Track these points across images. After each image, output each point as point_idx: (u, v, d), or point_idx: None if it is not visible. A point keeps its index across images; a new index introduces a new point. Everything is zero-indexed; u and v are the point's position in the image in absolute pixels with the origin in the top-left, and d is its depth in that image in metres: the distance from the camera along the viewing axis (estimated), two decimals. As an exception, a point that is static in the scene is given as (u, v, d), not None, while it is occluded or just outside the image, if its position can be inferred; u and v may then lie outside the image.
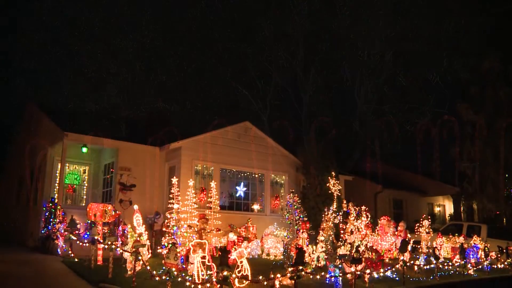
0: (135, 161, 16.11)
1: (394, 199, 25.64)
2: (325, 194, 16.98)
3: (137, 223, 10.64)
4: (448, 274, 12.00)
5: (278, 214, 17.79)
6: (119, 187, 15.46)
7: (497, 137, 21.94)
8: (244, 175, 17.81)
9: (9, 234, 18.93)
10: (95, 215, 11.95)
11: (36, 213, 15.77)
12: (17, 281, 9.59)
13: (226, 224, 15.27)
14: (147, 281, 9.03)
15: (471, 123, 22.99)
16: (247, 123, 17.90)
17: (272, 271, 8.62)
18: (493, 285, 11.99)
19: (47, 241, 13.72)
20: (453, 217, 26.09)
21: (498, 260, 13.94)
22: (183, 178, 15.33)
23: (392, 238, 14.67)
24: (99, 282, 9.47)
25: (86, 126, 16.93)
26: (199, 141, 16.59)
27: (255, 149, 17.95)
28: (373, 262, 10.20)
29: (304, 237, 12.51)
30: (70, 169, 17.57)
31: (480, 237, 16.39)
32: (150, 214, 15.20)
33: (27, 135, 20.35)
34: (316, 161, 17.91)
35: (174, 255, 7.96)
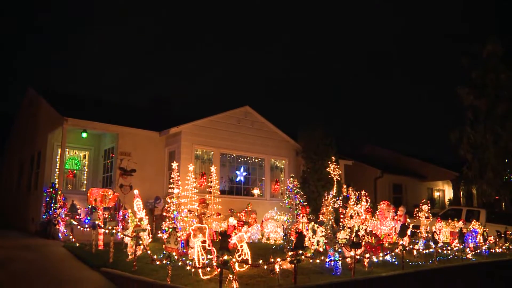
0: (135, 146, 16.12)
1: (394, 184, 25.72)
2: (325, 179, 17.02)
3: (138, 208, 10.68)
4: (447, 259, 12.09)
5: (278, 199, 17.86)
6: (120, 172, 15.48)
7: (498, 122, 21.91)
8: (244, 159, 17.84)
9: (10, 219, 19.02)
10: (95, 200, 12.00)
11: (37, 198, 15.83)
12: (19, 265, 9.66)
13: (226, 209, 15.33)
14: (147, 265, 9.10)
15: (472, 108, 22.93)
16: (247, 108, 17.86)
17: (272, 255, 8.67)
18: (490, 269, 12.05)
19: (48, 226, 13.79)
20: (453, 202, 26.21)
21: (496, 245, 14.03)
22: (183, 162, 15.36)
23: (392, 222, 14.74)
24: (100, 266, 9.55)
25: (86, 111, 16.91)
26: (199, 125, 16.58)
27: (255, 134, 17.96)
28: (373, 246, 10.24)
29: (304, 222, 12.57)
30: (70, 154, 17.60)
31: (479, 221, 16.48)
32: (150, 199, 15.26)
33: (27, 120, 20.33)
34: (316, 146, 17.89)
35: (174, 240, 7.99)
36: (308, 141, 18.17)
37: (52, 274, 9.12)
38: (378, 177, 24.61)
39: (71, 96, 20.59)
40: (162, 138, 16.87)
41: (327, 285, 7.78)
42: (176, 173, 12.30)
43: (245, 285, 7.44)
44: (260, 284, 7.63)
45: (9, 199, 21.12)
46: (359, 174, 23.71)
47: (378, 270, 9.50)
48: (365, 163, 25.10)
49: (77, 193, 16.26)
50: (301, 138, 18.58)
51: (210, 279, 7.79)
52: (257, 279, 7.99)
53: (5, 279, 8.49)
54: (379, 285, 8.66)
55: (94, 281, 8.79)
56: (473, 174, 22.60)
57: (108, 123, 15.85)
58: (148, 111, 22.48)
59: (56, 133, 15.85)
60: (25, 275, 8.90)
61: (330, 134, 18.44)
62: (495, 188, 21.95)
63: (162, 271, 8.13)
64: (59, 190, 13.93)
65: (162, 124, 17.25)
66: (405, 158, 29.00)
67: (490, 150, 21.85)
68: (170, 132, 16.10)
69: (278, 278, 7.80)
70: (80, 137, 16.12)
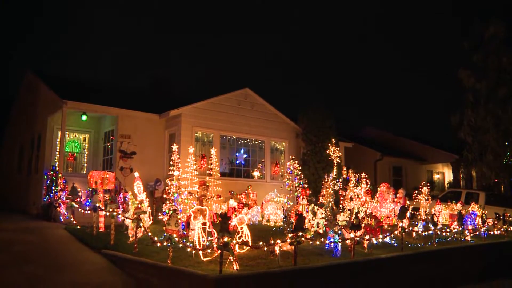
0: (135, 129, 16.09)
1: (394, 166, 25.76)
2: (325, 161, 17.04)
3: (138, 190, 10.70)
4: (446, 240, 12.16)
5: (278, 181, 17.92)
6: (120, 154, 15.49)
7: (499, 105, 21.83)
8: (244, 141, 17.84)
9: (12, 202, 19.10)
10: (96, 183, 12.03)
11: (38, 181, 15.87)
12: (22, 247, 9.72)
13: (227, 191, 15.38)
14: (148, 247, 9.16)
15: (473, 90, 22.82)
16: (247, 90, 17.78)
17: (272, 237, 8.72)
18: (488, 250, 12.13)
19: (49, 209, 13.84)
20: (452, 185, 26.27)
21: (494, 227, 14.09)
22: (183, 145, 15.36)
23: (391, 204, 14.80)
24: (101, 248, 9.61)
25: (85, 94, 16.84)
26: (199, 108, 16.53)
27: (255, 116, 17.92)
28: (372, 228, 10.29)
29: (304, 204, 12.61)
30: (70, 137, 17.59)
31: (478, 204, 16.53)
32: (150, 181, 15.29)
33: (27, 104, 20.27)
34: (316, 128, 17.87)
35: (175, 222, 8.02)
36: (308, 123, 18.13)
37: (54, 256, 9.18)
38: (378, 160, 24.64)
39: (70, 79, 20.49)
40: (162, 121, 16.84)
41: (326, 267, 7.83)
42: (176, 155, 12.32)
43: (245, 267, 7.49)
44: (260, 266, 7.68)
45: (10, 182, 21.17)
46: (359, 157, 23.73)
47: (377, 252, 9.56)
48: (365, 146, 25.10)
49: (78, 176, 16.29)
50: (301, 120, 18.54)
51: (211, 260, 7.84)
52: (257, 261, 8.04)
53: (8, 261, 8.55)
54: (379, 267, 8.73)
55: (95, 263, 8.85)
56: (473, 156, 22.60)
57: (108, 105, 15.79)
58: (148, 94, 22.40)
59: (56, 116, 15.82)
60: (27, 257, 8.96)
61: (330, 117, 18.40)
62: (494, 171, 21.98)
63: (163, 253, 8.18)
64: (59, 173, 13.96)
65: (162, 106, 17.20)
66: (405, 141, 29.00)
67: (491, 133, 21.81)
68: (170, 114, 16.06)
69: (278, 260, 7.85)
70: (80, 120, 16.10)
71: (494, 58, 22.16)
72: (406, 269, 9.24)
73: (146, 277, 7.67)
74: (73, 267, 8.39)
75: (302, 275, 7.37)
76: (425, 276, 9.43)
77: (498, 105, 21.84)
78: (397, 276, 8.94)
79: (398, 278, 8.92)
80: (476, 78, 22.51)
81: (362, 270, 8.40)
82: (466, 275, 10.20)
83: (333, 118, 18.55)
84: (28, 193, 17.00)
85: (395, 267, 9.07)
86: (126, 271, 8.24)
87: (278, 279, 7.01)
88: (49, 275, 7.77)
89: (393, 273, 8.89)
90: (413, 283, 8.98)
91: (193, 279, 6.59)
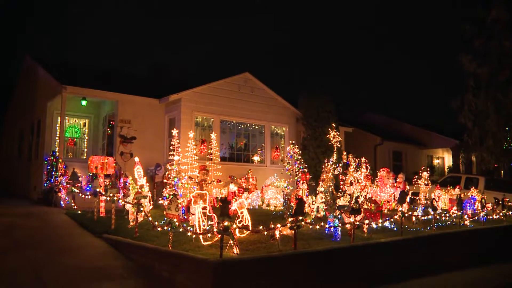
0: (135, 114, 16.06)
1: (394, 151, 25.76)
2: (325, 146, 17.05)
3: (138, 175, 10.72)
4: (445, 225, 12.21)
5: (278, 165, 17.94)
6: (120, 139, 15.48)
7: (500, 90, 21.73)
8: (244, 126, 17.81)
9: (13, 188, 19.17)
10: (96, 168, 12.04)
11: (38, 166, 15.89)
12: (23, 232, 9.79)
13: (227, 175, 15.42)
14: (149, 231, 9.20)
15: (474, 75, 22.68)
16: (247, 74, 17.70)
17: (272, 221, 8.75)
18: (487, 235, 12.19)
19: (50, 194, 13.88)
20: (452, 170, 26.30)
21: (494, 212, 14.13)
22: (183, 130, 15.35)
23: (391, 189, 14.84)
24: (102, 233, 9.66)
25: (85, 79, 16.78)
26: (199, 92, 16.48)
27: (255, 100, 17.88)
28: (372, 212, 10.33)
29: (304, 188, 12.64)
30: (70, 122, 17.58)
31: (477, 189, 16.57)
32: (151, 166, 15.31)
33: (26, 89, 20.21)
34: (316, 113, 17.83)
35: (175, 206, 8.04)
36: (308, 108, 18.09)
37: (55, 240, 9.24)
38: (378, 144, 24.64)
39: (69, 64, 20.39)
40: (162, 105, 16.80)
41: (326, 251, 7.87)
42: (177, 140, 12.33)
43: (246, 251, 7.53)
44: (260, 250, 7.73)
45: (11, 168, 21.22)
46: (359, 141, 23.72)
47: (377, 236, 9.61)
48: (365, 130, 25.08)
49: (78, 161, 16.32)
50: (301, 105, 18.50)
51: (211, 244, 7.88)
52: (257, 245, 8.08)
53: (11, 245, 8.62)
54: (378, 251, 8.78)
55: (96, 247, 8.91)
56: (473, 141, 22.56)
57: (108, 90, 15.75)
58: (147, 79, 22.32)
59: (55, 101, 15.77)
60: (29, 241, 9.01)
61: (330, 101, 18.35)
62: (495, 156, 21.97)
63: (163, 237, 8.22)
64: (59, 158, 13.97)
65: (161, 91, 17.15)
66: (406, 126, 28.95)
67: (491, 118, 21.75)
68: (170, 99, 16.02)
69: (278, 244, 7.89)
70: (80, 105, 16.06)
71: (496, 42, 22.00)
72: (405, 253, 9.30)
73: (146, 261, 7.72)
74: (75, 251, 8.44)
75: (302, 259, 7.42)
76: (424, 260, 9.49)
77: (499, 89, 21.75)
78: (397, 260, 8.99)
79: (397, 262, 8.98)
80: (477, 63, 22.36)
81: (362, 254, 8.45)
82: (465, 259, 10.26)
83: (333, 102, 18.51)
84: (29, 178, 17.03)
85: (395, 251, 9.12)
86: (127, 255, 8.29)
87: (278, 263, 7.05)
88: (51, 259, 7.83)
89: (392, 257, 8.94)
90: (413, 267, 9.04)
91: (194, 263, 6.64)
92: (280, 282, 6.88)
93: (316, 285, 7.28)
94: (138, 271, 7.49)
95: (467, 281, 8.67)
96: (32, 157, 17.53)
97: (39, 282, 6.74)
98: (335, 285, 7.46)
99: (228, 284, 6.33)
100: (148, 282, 7.03)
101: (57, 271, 7.26)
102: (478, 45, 22.43)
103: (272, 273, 6.85)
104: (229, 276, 6.39)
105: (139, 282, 7.01)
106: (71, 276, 7.05)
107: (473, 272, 9.39)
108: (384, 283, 7.73)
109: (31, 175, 16.94)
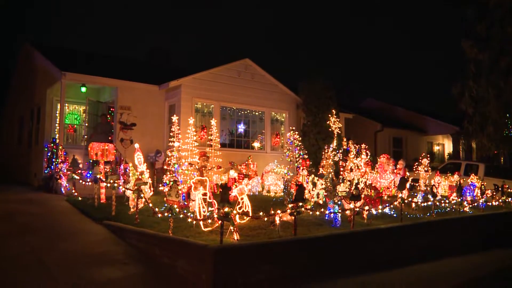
0: (135, 100, 16.02)
1: (394, 138, 25.76)
2: (326, 132, 17.03)
3: (139, 162, 10.72)
4: (445, 211, 12.24)
5: (279, 152, 17.95)
6: (120, 126, 15.46)
7: (501, 76, 21.60)
8: (244, 112, 17.78)
9: (14, 174, 19.19)
10: (96, 154, 12.03)
11: (38, 153, 15.90)
12: (25, 218, 9.82)
13: (227, 162, 15.43)
14: (149, 217, 9.23)
15: (475, 61, 22.54)
16: (247, 60, 17.62)
17: (273, 207, 8.76)
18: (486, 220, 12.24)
19: (50, 180, 13.91)
20: (452, 156, 26.31)
21: (493, 198, 14.16)
22: (183, 116, 15.32)
23: (391, 176, 14.85)
24: (103, 219, 9.69)
25: (84, 65, 16.69)
26: (199, 78, 16.42)
27: (255, 87, 17.82)
28: (372, 199, 10.34)
29: (304, 174, 12.65)
30: (69, 109, 17.53)
31: (477, 175, 16.58)
32: (151, 152, 15.31)
33: (25, 75, 20.13)
34: (317, 99, 17.78)
35: (175, 193, 8.05)
36: (308, 94, 18.04)
37: (56, 226, 9.28)
38: (378, 131, 24.62)
39: (68, 50, 20.28)
40: (162, 92, 16.74)
41: (326, 237, 7.90)
42: (177, 127, 12.32)
43: (246, 237, 7.56)
44: (260, 236, 7.76)
45: (11, 154, 21.23)
46: (360, 128, 23.70)
47: (377, 222, 9.64)
48: (366, 117, 25.04)
49: (78, 147, 16.32)
50: (301, 91, 18.44)
51: (211, 230, 7.91)
52: (257, 231, 8.11)
53: (12, 231, 8.66)
54: (378, 237, 8.81)
55: (97, 233, 8.95)
56: (473, 128, 22.50)
57: (108, 77, 15.67)
58: (147, 65, 22.21)
59: (55, 88, 15.72)
60: (30, 227, 9.05)
61: (330, 87, 18.29)
62: (495, 142, 21.94)
63: (164, 224, 8.25)
64: (60, 145, 13.96)
65: (161, 77, 17.08)
66: (406, 112, 28.90)
67: (492, 104, 21.66)
68: (170, 85, 15.96)
69: (278, 230, 7.92)
70: (79, 92, 16.00)
71: (498, 27, 21.81)
72: (405, 239, 9.33)
73: (147, 247, 7.75)
74: (76, 238, 8.48)
75: (303, 245, 7.45)
76: (424, 246, 9.53)
77: (500, 76, 21.63)
78: (397, 246, 9.03)
79: (397, 248, 9.02)
80: (479, 49, 22.20)
81: (362, 240, 8.48)
82: (464, 245, 10.31)
83: (333, 89, 18.45)
84: (29, 165, 17.05)
85: (395, 238, 9.16)
86: (128, 241, 8.33)
87: (278, 249, 7.08)
88: (52, 245, 7.87)
89: (392, 243, 8.98)
90: (413, 252, 9.08)
91: (194, 249, 6.66)
92: (280, 268, 6.92)
93: (316, 271, 7.32)
94: (138, 257, 7.53)
95: (466, 266, 8.72)
96: (32, 144, 17.51)
97: (41, 266, 6.79)
98: (335, 270, 7.49)
99: (229, 270, 6.36)
100: (148, 268, 7.07)
101: (58, 256, 7.30)
102: (480, 31, 22.25)
103: (272, 259, 6.88)
104: (230, 262, 6.42)
105: (139, 267, 7.05)
106: (72, 261, 7.10)
107: (473, 258, 9.44)
108: (385, 269, 7.77)
109: (31, 162, 16.95)
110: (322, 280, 6.88)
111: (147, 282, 6.50)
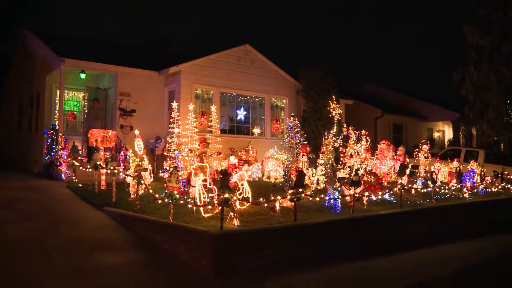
0: (134, 86, 15.95)
1: (394, 124, 25.73)
2: (326, 118, 17.00)
3: (139, 148, 10.72)
4: (444, 198, 12.27)
5: (279, 138, 17.93)
6: (120, 112, 15.42)
7: (502, 62, 21.48)
8: (244, 98, 17.72)
9: (14, 161, 19.21)
10: (96, 141, 12.02)
11: (38, 140, 15.89)
12: (26, 205, 9.85)
13: (227, 148, 15.43)
14: (150, 204, 9.25)
15: (476, 47, 22.39)
16: (247, 46, 17.51)
17: (273, 193, 8.79)
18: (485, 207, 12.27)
19: (50, 167, 13.92)
20: (452, 143, 26.29)
21: (492, 184, 14.17)
22: (183, 102, 15.29)
23: (391, 162, 14.85)
24: (103, 205, 9.72)
25: (83, 52, 16.59)
26: (198, 64, 16.34)
27: (255, 73, 17.74)
28: (372, 185, 10.34)
29: (304, 160, 12.66)
30: (69, 95, 17.45)
31: (477, 162, 16.58)
32: (151, 139, 15.30)
33: (24, 62, 20.03)
34: (317, 85, 17.71)
35: (175, 179, 8.06)
36: (308, 80, 17.97)
37: (57, 213, 9.31)
38: (379, 117, 24.57)
39: (67, 37, 20.14)
40: (162, 78, 16.67)
41: (326, 223, 7.92)
42: (176, 113, 12.30)
43: (246, 223, 7.58)
44: (260, 222, 7.78)
45: (10, 141, 21.23)
46: (360, 114, 23.66)
47: (376, 208, 9.66)
48: (366, 103, 24.97)
49: (78, 134, 16.28)
50: (301, 77, 18.36)
51: (211, 216, 7.93)
52: (257, 217, 8.13)
53: (13, 218, 8.69)
54: (378, 223, 8.83)
55: (97, 219, 8.98)
56: (474, 114, 22.44)
57: (107, 63, 15.59)
58: (147, 51, 22.08)
59: (54, 75, 15.64)
60: (31, 214, 9.09)
61: (331, 73, 18.20)
62: (495, 129, 21.90)
63: (164, 210, 8.27)
64: (59, 131, 13.95)
65: (161, 63, 17.00)
66: (406, 98, 28.82)
67: (493, 91, 21.58)
68: (170, 71, 15.89)
69: (278, 216, 7.94)
70: (79, 78, 15.91)
71: (501, 12, 21.62)
72: (405, 225, 9.36)
73: (147, 233, 7.78)
74: (76, 224, 8.51)
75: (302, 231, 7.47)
76: (424, 232, 9.57)
77: (502, 61, 21.51)
78: (396, 232, 9.06)
79: (397, 234, 9.05)
80: (481, 34, 22.03)
81: (362, 226, 8.51)
82: (464, 231, 10.34)
83: (333, 75, 18.36)
84: (30, 152, 17.05)
85: (394, 223, 9.18)
86: (128, 227, 8.36)
87: (278, 234, 7.10)
88: (53, 231, 7.91)
89: (392, 229, 9.01)
90: (413, 238, 9.12)
91: (195, 234, 6.68)
92: (280, 254, 6.95)
93: (316, 257, 7.35)
94: (139, 243, 7.56)
95: (465, 251, 8.76)
96: (32, 130, 17.49)
97: (42, 252, 6.82)
98: (335, 256, 7.53)
99: (229, 256, 6.39)
100: (149, 254, 7.10)
101: (59, 242, 7.34)
102: (482, 16, 22.07)
103: (272, 244, 6.91)
104: (230, 247, 6.45)
105: (140, 253, 7.08)
106: (73, 247, 7.13)
107: (472, 243, 9.47)
108: (384, 254, 7.80)
109: (31, 149, 16.94)
110: (322, 266, 6.91)
111: (147, 268, 6.53)
